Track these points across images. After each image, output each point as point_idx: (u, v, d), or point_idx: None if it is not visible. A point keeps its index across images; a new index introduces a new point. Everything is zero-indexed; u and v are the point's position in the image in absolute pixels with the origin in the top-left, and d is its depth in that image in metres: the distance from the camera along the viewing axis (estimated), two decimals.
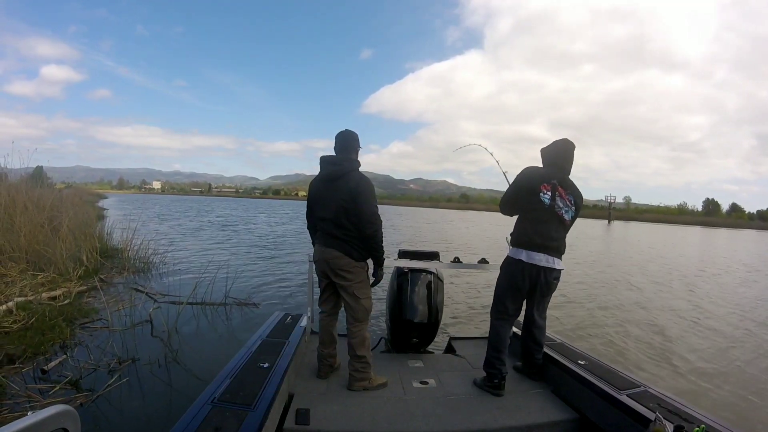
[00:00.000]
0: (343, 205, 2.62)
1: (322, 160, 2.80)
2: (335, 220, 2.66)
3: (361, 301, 2.74)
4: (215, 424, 1.75)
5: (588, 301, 8.16)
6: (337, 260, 2.68)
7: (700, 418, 2.00)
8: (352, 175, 2.67)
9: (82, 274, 6.86)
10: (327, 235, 2.72)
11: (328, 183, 2.72)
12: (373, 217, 2.63)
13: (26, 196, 8.36)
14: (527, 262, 2.71)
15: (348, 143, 2.79)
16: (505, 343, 2.82)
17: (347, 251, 2.67)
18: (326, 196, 2.71)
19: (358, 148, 2.83)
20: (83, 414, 3.05)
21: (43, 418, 0.96)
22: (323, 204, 2.73)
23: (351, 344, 2.74)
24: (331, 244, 2.69)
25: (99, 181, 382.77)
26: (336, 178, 2.69)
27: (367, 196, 2.63)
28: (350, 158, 2.76)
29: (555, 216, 2.72)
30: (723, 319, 7.31)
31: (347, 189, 2.62)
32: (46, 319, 4.64)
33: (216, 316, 5.75)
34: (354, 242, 2.68)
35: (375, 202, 2.68)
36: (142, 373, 3.81)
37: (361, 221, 2.61)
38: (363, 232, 2.64)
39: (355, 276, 2.72)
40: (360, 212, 2.61)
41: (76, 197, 15.44)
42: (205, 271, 7.15)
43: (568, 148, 2.82)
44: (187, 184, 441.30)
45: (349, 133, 2.81)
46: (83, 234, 8.77)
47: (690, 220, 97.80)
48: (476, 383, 2.85)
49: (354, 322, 2.75)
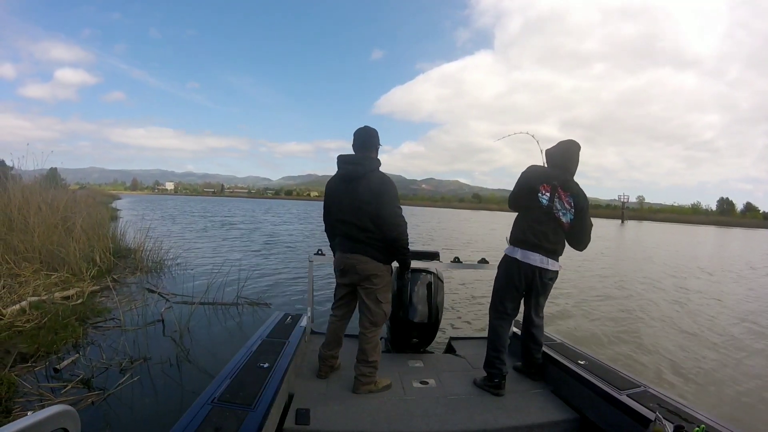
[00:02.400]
0: (365, 207, 2.50)
1: (341, 159, 2.66)
2: (358, 222, 2.54)
3: (383, 305, 2.65)
4: (215, 424, 1.75)
5: (588, 301, 8.09)
6: (364, 265, 2.56)
7: (700, 418, 2.00)
8: (374, 175, 2.55)
9: (95, 274, 6.94)
10: (350, 240, 2.60)
11: (348, 183, 2.58)
12: (397, 218, 2.52)
13: (40, 197, 8.48)
14: (522, 261, 2.72)
15: (368, 141, 2.65)
16: (505, 343, 2.82)
17: (373, 255, 2.56)
18: (346, 198, 2.58)
19: (378, 146, 2.68)
20: (95, 412, 3.07)
21: (42, 418, 0.95)
22: (343, 205, 2.59)
23: (364, 349, 2.63)
24: (356, 249, 2.57)
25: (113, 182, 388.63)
26: (356, 179, 2.55)
27: (390, 197, 2.52)
28: (371, 157, 2.63)
29: (552, 217, 2.71)
30: (723, 319, 7.21)
31: (369, 190, 2.50)
32: (59, 319, 4.68)
33: (228, 316, 5.77)
34: (378, 245, 2.56)
35: (398, 203, 2.56)
36: (154, 372, 3.83)
37: (385, 223, 2.50)
38: (387, 234, 2.52)
39: (381, 280, 2.62)
40: (383, 214, 2.49)
41: (89, 198, 15.66)
42: (218, 271, 7.18)
43: (573, 149, 2.79)
44: (199, 184, 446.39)
45: (369, 130, 2.67)
46: (96, 234, 8.87)
47: (704, 219, 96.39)
48: (476, 383, 2.84)
49: (370, 327, 2.65)
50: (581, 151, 2.81)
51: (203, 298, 5.95)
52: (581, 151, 2.82)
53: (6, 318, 4.40)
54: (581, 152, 2.82)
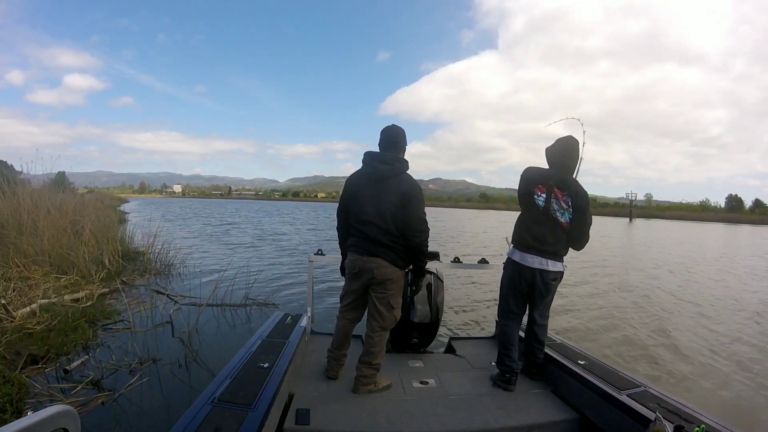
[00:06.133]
0: (392, 209, 2.44)
1: (371, 156, 2.58)
2: (382, 224, 2.46)
3: (395, 311, 2.62)
4: (215, 424, 1.75)
5: (588, 301, 8.06)
6: (383, 270, 2.49)
7: (700, 418, 2.00)
8: (404, 178, 2.50)
9: (104, 277, 7.02)
10: (370, 242, 2.51)
11: (376, 183, 2.50)
12: (422, 224, 2.49)
13: (49, 201, 8.57)
14: (521, 263, 2.75)
15: (397, 140, 2.59)
16: (513, 341, 2.86)
17: (392, 259, 2.50)
18: (372, 198, 2.49)
19: (406, 146, 2.65)
20: (104, 413, 3.10)
21: (42, 418, 0.95)
22: (367, 205, 2.51)
23: (371, 352, 2.61)
24: (376, 251, 2.49)
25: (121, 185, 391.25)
26: (386, 179, 2.48)
27: (418, 202, 2.47)
28: (402, 159, 2.58)
29: (549, 218, 2.72)
30: (724, 319, 7.14)
31: (399, 192, 2.44)
32: (69, 321, 4.73)
33: (236, 317, 5.82)
34: (399, 249, 2.51)
35: (424, 208, 2.53)
36: (163, 373, 3.86)
37: (410, 228, 2.46)
38: (410, 239, 2.48)
39: (396, 285, 2.59)
40: (409, 219, 2.45)
41: (98, 201, 15.79)
42: (226, 273, 7.20)
43: (571, 145, 2.78)
44: (207, 187, 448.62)
45: (398, 129, 2.61)
46: (105, 237, 8.94)
47: (713, 217, 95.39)
48: (492, 379, 2.90)
49: (379, 330, 2.62)
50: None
51: (211, 300, 5.98)
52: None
53: (17, 320, 4.46)
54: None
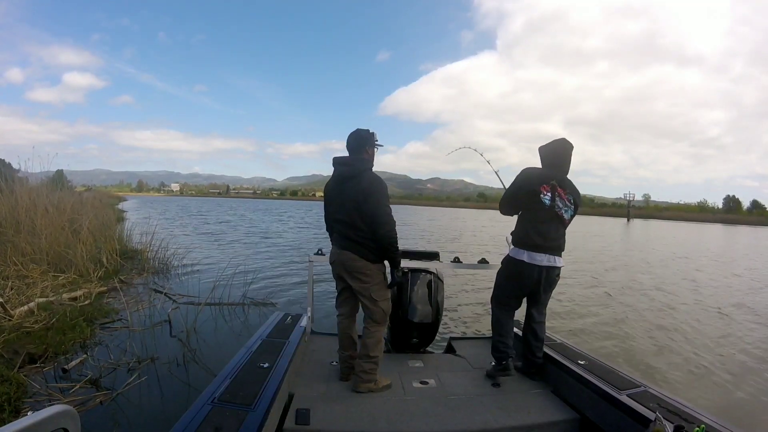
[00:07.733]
0: (356, 206, 2.58)
1: (335, 161, 2.77)
2: (349, 221, 2.62)
3: (379, 303, 2.70)
4: (215, 424, 1.76)
5: (588, 300, 8.07)
6: (352, 263, 2.64)
7: (700, 418, 2.00)
8: (364, 175, 2.63)
9: (102, 275, 7.00)
10: (342, 237, 2.69)
11: (341, 184, 2.69)
12: (386, 217, 2.57)
13: (47, 199, 8.53)
14: (529, 263, 2.77)
15: (359, 143, 2.73)
16: (509, 328, 2.91)
17: (362, 253, 2.63)
18: (339, 197, 2.69)
19: (372, 148, 2.77)
20: (103, 412, 3.10)
21: (42, 418, 0.96)
22: (337, 205, 2.71)
23: (366, 344, 2.71)
24: (346, 246, 2.66)
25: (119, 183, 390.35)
26: (348, 179, 2.66)
27: (379, 197, 2.58)
28: (361, 158, 2.72)
29: (555, 216, 2.79)
30: (724, 319, 7.16)
31: (359, 189, 2.58)
32: (67, 320, 4.71)
33: (234, 317, 5.81)
34: (369, 244, 2.63)
35: (387, 202, 2.63)
36: (161, 372, 3.86)
37: (374, 222, 2.56)
38: (376, 233, 2.58)
39: (371, 278, 2.68)
40: (373, 213, 2.56)
41: (96, 200, 15.70)
42: (223, 272, 7.19)
43: (567, 148, 2.87)
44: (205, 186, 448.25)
45: (360, 132, 2.75)
46: (103, 236, 8.93)
47: (710, 217, 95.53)
48: (488, 373, 2.93)
49: (372, 323, 2.73)
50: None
51: (209, 299, 5.98)
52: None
53: (14, 319, 4.44)
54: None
